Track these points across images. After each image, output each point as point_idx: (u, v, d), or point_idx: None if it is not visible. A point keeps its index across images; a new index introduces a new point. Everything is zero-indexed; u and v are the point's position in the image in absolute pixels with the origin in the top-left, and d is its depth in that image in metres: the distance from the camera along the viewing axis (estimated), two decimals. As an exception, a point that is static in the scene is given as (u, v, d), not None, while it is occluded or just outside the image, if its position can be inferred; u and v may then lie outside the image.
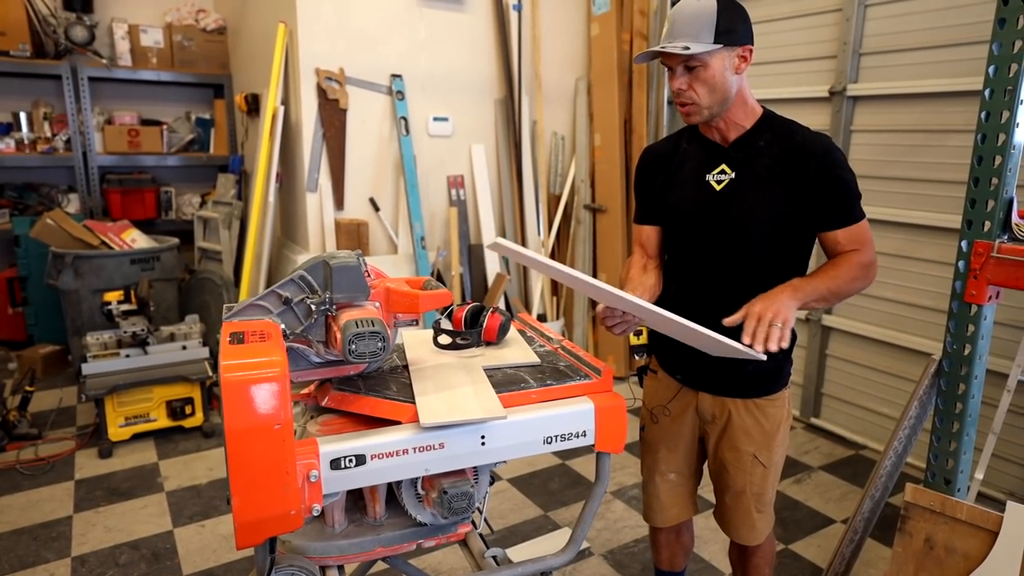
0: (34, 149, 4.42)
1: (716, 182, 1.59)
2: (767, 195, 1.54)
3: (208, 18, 4.82)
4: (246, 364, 1.01)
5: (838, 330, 3.39)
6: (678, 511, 1.80)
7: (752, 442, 1.64)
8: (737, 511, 1.71)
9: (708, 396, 1.68)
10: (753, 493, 1.67)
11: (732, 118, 1.56)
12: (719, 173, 1.59)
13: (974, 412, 1.78)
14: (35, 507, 2.69)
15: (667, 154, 1.70)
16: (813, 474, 3.06)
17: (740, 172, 1.56)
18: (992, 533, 1.61)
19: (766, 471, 1.66)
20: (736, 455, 1.66)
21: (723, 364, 1.57)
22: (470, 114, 4.05)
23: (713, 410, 1.68)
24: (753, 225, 1.55)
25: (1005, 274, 1.63)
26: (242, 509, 1.01)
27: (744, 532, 1.72)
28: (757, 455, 1.64)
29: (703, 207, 1.60)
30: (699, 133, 1.64)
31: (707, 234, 1.60)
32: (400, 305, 1.32)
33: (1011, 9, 1.58)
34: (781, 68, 3.50)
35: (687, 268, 1.67)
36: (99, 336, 3.30)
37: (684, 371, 1.71)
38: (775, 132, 1.56)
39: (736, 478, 1.67)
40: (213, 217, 4.48)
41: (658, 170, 1.71)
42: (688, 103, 1.52)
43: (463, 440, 1.23)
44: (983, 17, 2.71)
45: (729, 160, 1.58)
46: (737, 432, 1.65)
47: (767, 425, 1.64)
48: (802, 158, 1.51)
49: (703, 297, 1.63)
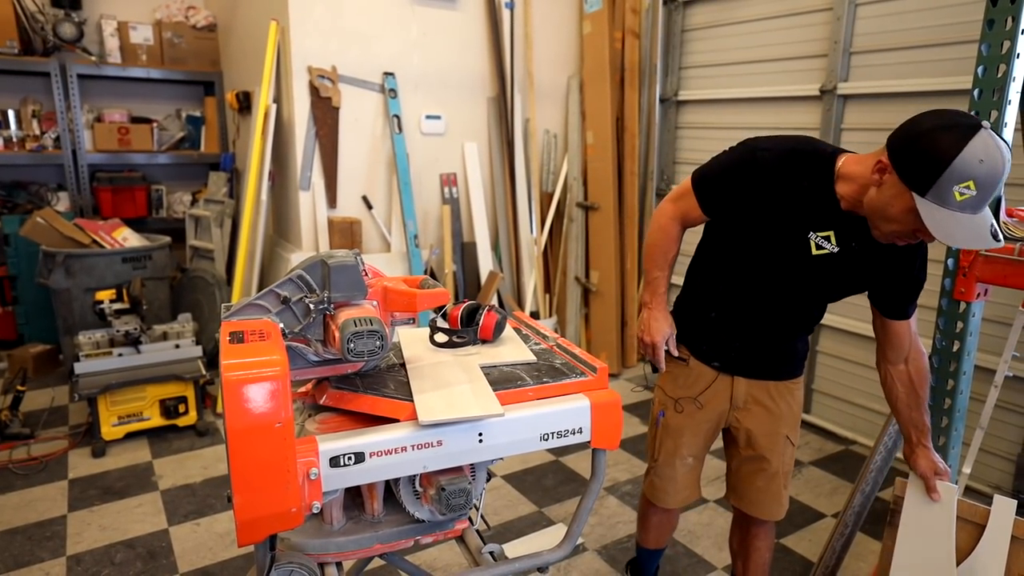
0: (23, 147, 4.38)
1: (815, 246, 1.50)
2: (856, 280, 1.57)
3: (198, 15, 4.80)
4: (247, 363, 1.01)
5: (828, 327, 3.43)
6: (688, 493, 1.88)
7: (785, 423, 1.75)
8: (771, 490, 1.79)
9: (744, 381, 1.74)
10: (784, 472, 1.78)
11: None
12: (823, 239, 1.50)
13: (962, 407, 1.81)
14: (29, 507, 2.69)
15: (782, 177, 1.50)
16: (804, 469, 3.09)
17: (843, 250, 1.50)
18: (979, 526, 1.63)
19: (794, 450, 1.79)
20: (774, 437, 1.75)
21: (765, 349, 1.70)
22: (463, 112, 4.05)
23: (748, 395, 1.75)
24: (825, 299, 1.65)
25: (993, 272, 1.66)
26: (243, 507, 1.02)
27: (776, 508, 1.81)
28: (789, 435, 1.76)
29: (789, 264, 1.54)
30: (826, 181, 1.47)
31: (779, 287, 1.59)
32: (397, 304, 1.33)
33: (999, 11, 1.61)
34: (772, 67, 3.52)
35: (735, 300, 1.67)
36: (91, 335, 3.29)
37: (722, 358, 1.74)
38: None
39: (773, 460, 1.76)
40: (205, 215, 4.46)
41: (766, 186, 1.51)
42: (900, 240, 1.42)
43: (461, 437, 1.24)
44: (971, 17, 2.74)
45: (839, 231, 1.49)
46: (773, 414, 1.74)
47: (795, 406, 1.77)
48: (909, 259, 1.52)
49: (749, 311, 1.67)
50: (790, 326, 1.70)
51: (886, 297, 1.59)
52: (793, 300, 1.63)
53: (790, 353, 1.74)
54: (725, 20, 3.73)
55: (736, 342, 1.71)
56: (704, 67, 3.93)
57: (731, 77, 3.74)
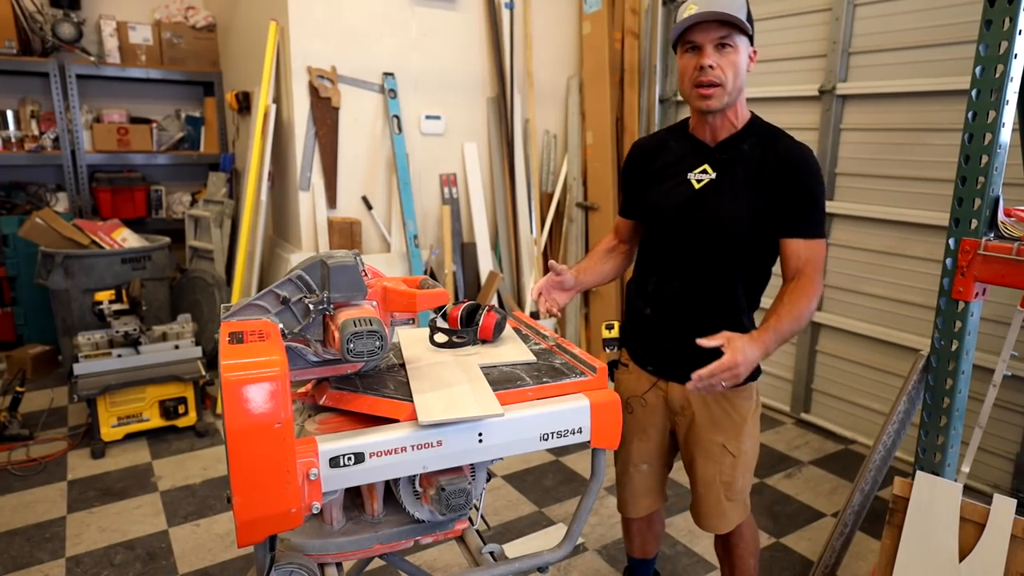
0: (21, 147, 4.38)
1: (696, 181, 1.62)
2: (743, 197, 1.57)
3: (197, 15, 4.80)
4: (246, 364, 1.01)
5: (828, 327, 3.43)
6: (650, 501, 1.87)
7: (721, 432, 1.69)
8: (707, 500, 1.75)
9: (678, 387, 1.71)
10: (723, 482, 1.72)
11: (730, 116, 1.60)
12: (701, 172, 1.62)
13: (961, 407, 1.81)
14: (28, 508, 2.68)
15: (654, 150, 1.74)
16: (804, 469, 3.10)
17: (721, 174, 1.60)
18: (979, 525, 1.64)
19: (735, 460, 1.71)
20: (706, 445, 1.71)
21: (694, 355, 1.60)
22: (462, 112, 4.06)
23: (683, 401, 1.72)
24: (728, 227, 1.59)
25: (991, 271, 1.66)
26: (243, 508, 1.02)
27: (715, 521, 1.77)
28: (726, 444, 1.69)
29: (681, 204, 1.63)
30: (688, 132, 1.68)
31: (682, 231, 1.64)
32: (397, 304, 1.33)
33: (997, 11, 1.61)
34: (771, 67, 3.53)
35: (663, 264, 1.72)
36: (91, 336, 3.29)
37: (655, 363, 1.75)
38: (760, 136, 1.61)
39: (707, 468, 1.72)
40: (204, 216, 4.46)
41: (643, 165, 1.74)
42: (716, 83, 1.51)
43: (461, 438, 1.24)
44: (970, 17, 2.74)
45: (712, 160, 1.62)
46: (706, 422, 1.70)
47: (735, 416, 1.69)
48: (782, 164, 1.55)
49: (681, 296, 1.68)
50: (717, 310, 1.64)
51: (776, 212, 1.56)
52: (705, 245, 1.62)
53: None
54: (724, 20, 3.73)
55: (669, 342, 1.70)
56: (703, 67, 3.93)
57: (730, 77, 3.74)
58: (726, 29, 1.49)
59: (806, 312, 1.53)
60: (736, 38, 1.51)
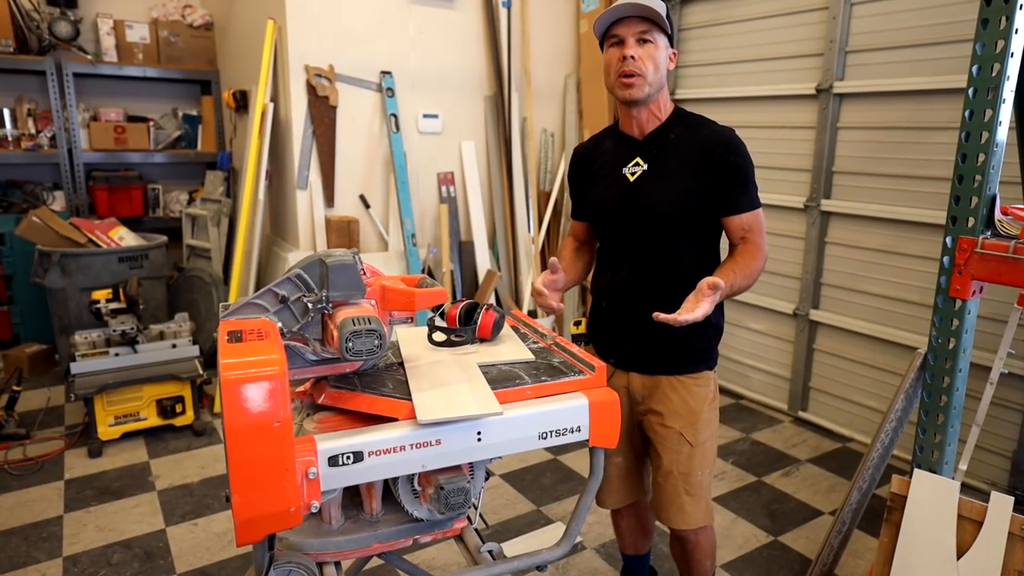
0: (18, 146, 4.37)
1: (631, 174, 1.71)
2: (677, 184, 1.66)
3: (195, 14, 4.79)
4: (245, 363, 1.01)
5: (825, 325, 3.44)
6: (624, 494, 1.89)
7: (678, 419, 1.73)
8: (665, 491, 1.76)
9: (638, 376, 1.77)
10: (680, 472, 1.74)
11: (653, 109, 1.69)
12: (633, 166, 1.71)
13: (958, 405, 1.82)
14: (24, 507, 2.68)
15: (590, 153, 1.84)
16: (801, 467, 3.10)
17: (652, 164, 1.69)
18: (977, 523, 1.64)
19: (692, 450, 1.73)
20: (664, 432, 1.74)
21: (653, 341, 1.71)
22: (460, 111, 4.05)
23: (643, 390, 1.77)
24: (664, 212, 1.66)
25: (988, 269, 1.66)
26: (242, 506, 1.02)
27: (673, 514, 1.77)
28: (683, 433, 1.72)
29: (618, 198, 1.72)
30: (618, 130, 1.77)
31: (623, 224, 1.72)
32: (396, 303, 1.33)
33: (993, 10, 1.61)
34: (768, 66, 3.53)
35: (613, 257, 1.79)
36: (87, 335, 3.28)
37: (617, 354, 1.80)
38: (685, 126, 1.70)
39: (664, 456, 1.75)
40: (201, 214, 4.46)
41: (584, 168, 1.85)
42: (637, 73, 1.60)
43: (460, 436, 1.24)
44: (966, 16, 2.75)
45: (643, 153, 1.70)
46: (664, 409, 1.74)
47: (692, 403, 1.73)
48: (708, 147, 1.64)
49: (630, 284, 1.74)
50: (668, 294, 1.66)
51: (712, 194, 1.65)
52: (647, 235, 1.69)
53: (682, 347, 1.72)
54: (722, 19, 3.73)
55: (625, 332, 1.76)
56: (701, 66, 3.94)
57: (728, 76, 3.75)
58: (647, 24, 1.59)
59: (756, 272, 1.63)
60: (656, 35, 1.61)
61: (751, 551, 2.48)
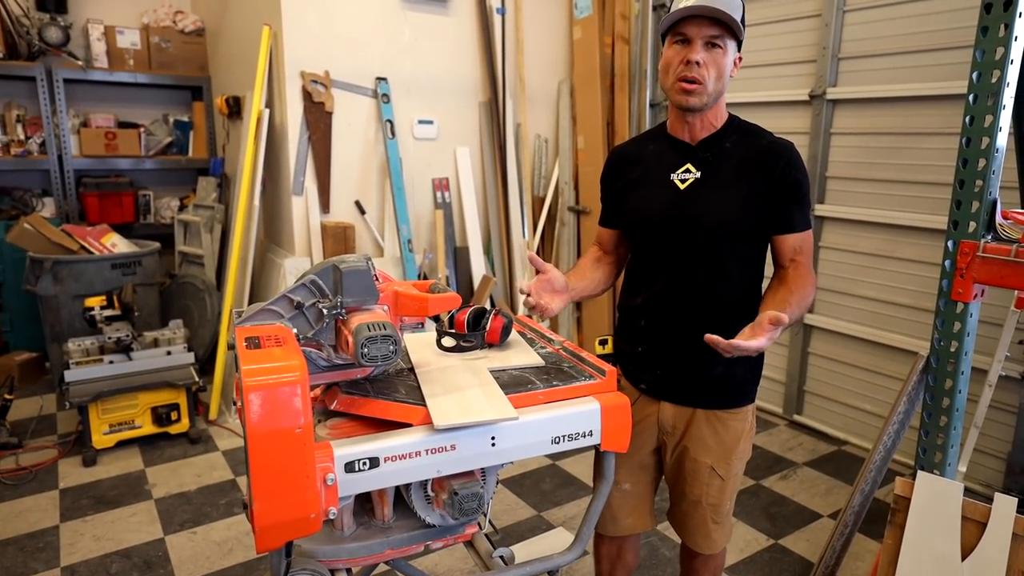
0: (7, 152, 4.32)
1: (680, 181, 1.57)
2: (733, 195, 1.53)
3: (186, 20, 4.76)
4: (267, 368, 1.01)
5: (820, 328, 3.46)
6: (632, 522, 1.76)
7: (710, 454, 1.62)
8: (693, 518, 1.69)
9: (670, 406, 1.64)
10: (709, 504, 1.65)
11: (709, 117, 1.57)
12: (684, 172, 1.58)
13: (961, 407, 1.84)
14: (19, 517, 2.64)
15: (633, 155, 1.69)
16: (798, 470, 3.12)
17: (705, 172, 1.56)
18: (980, 524, 1.66)
19: (723, 483, 1.64)
20: (694, 466, 1.63)
21: (691, 368, 1.58)
22: (455, 117, 4.06)
23: (675, 420, 1.64)
24: (717, 224, 1.53)
25: (990, 272, 1.69)
26: (263, 513, 1.01)
27: (699, 540, 1.71)
28: (715, 467, 1.62)
29: (667, 206, 1.58)
30: (667, 133, 1.64)
31: (669, 235, 1.58)
32: (409, 308, 1.33)
33: (993, 18, 1.64)
34: (762, 72, 3.57)
35: (652, 272, 1.64)
36: (81, 342, 3.25)
37: (649, 380, 1.67)
38: (741, 135, 1.59)
39: (693, 488, 1.65)
40: (194, 221, 4.42)
41: (622, 171, 1.70)
42: (698, 80, 1.48)
43: (474, 441, 1.24)
44: (956, 24, 2.80)
45: (695, 160, 1.57)
46: (696, 443, 1.62)
47: (727, 438, 1.62)
48: (768, 160, 1.52)
49: (670, 302, 1.61)
50: (713, 314, 1.57)
51: (768, 209, 1.53)
52: (695, 246, 1.56)
53: (725, 378, 1.59)
54: (715, 26, 3.76)
55: (660, 352, 1.63)
56: (694, 72, 3.96)
57: (721, 82, 3.77)
58: (719, 29, 1.47)
59: (809, 303, 1.53)
60: (726, 40, 1.49)
61: (752, 554, 2.49)
